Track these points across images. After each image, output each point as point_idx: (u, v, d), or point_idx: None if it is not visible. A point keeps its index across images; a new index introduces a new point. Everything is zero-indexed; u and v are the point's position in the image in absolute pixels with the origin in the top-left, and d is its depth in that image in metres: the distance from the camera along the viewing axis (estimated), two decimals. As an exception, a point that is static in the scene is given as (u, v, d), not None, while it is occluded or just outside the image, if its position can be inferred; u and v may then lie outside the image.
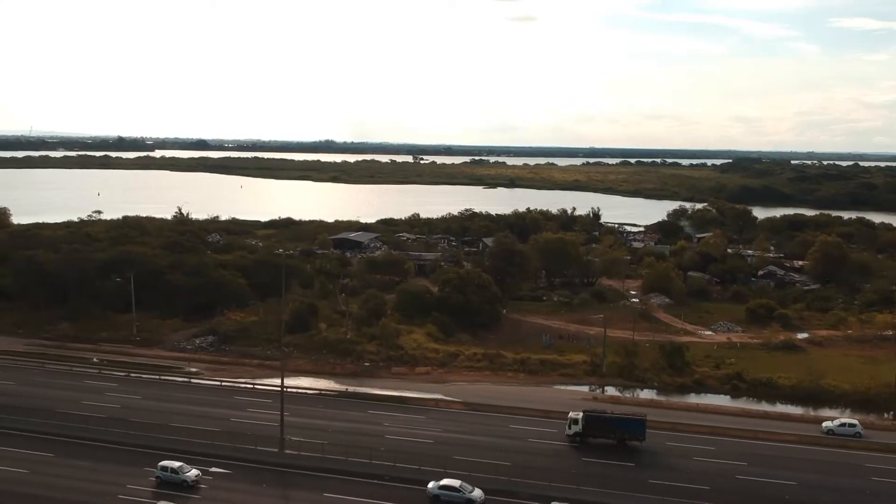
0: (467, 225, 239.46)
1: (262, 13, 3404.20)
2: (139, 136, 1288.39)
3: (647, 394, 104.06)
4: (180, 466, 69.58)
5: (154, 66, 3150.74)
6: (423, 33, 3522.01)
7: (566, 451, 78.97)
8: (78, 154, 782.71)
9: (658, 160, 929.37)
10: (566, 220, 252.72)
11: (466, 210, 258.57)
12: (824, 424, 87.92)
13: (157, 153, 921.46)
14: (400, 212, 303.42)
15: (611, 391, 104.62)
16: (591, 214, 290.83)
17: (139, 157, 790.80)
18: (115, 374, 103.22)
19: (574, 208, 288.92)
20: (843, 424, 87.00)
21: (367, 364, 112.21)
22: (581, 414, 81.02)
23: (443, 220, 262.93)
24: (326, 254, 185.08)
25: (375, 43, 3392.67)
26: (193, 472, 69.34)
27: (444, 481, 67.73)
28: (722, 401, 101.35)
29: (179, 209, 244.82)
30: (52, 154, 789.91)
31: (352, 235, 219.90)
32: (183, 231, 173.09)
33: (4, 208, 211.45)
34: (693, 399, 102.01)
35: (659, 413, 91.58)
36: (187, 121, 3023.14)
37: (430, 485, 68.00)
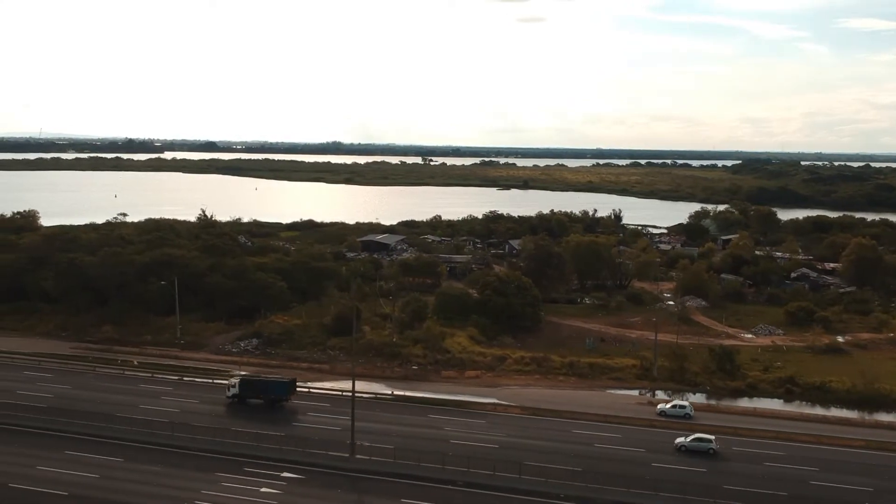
0: (492, 227, 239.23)
1: (269, 15, 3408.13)
2: (148, 138, 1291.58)
3: (698, 398, 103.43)
4: None
5: (161, 68, 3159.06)
6: (430, 34, 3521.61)
7: (637, 457, 78.47)
8: (89, 156, 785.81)
9: (668, 161, 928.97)
10: (590, 222, 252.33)
11: (491, 212, 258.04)
12: (658, 407, 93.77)
13: (167, 155, 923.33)
14: (417, 213, 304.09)
15: (661, 395, 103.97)
16: (613, 216, 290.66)
17: (150, 159, 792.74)
18: (168, 377, 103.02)
19: (595, 210, 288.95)
20: (674, 406, 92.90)
21: (414, 367, 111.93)
22: (238, 378, 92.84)
23: (465, 221, 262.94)
24: (357, 256, 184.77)
25: (382, 44, 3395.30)
26: None
27: None
28: (775, 405, 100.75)
29: (203, 211, 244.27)
30: (64, 156, 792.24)
31: (378, 238, 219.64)
32: (219, 234, 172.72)
33: (34, 211, 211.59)
34: (745, 403, 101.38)
35: (718, 418, 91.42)
36: (195, 122, 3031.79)
37: None
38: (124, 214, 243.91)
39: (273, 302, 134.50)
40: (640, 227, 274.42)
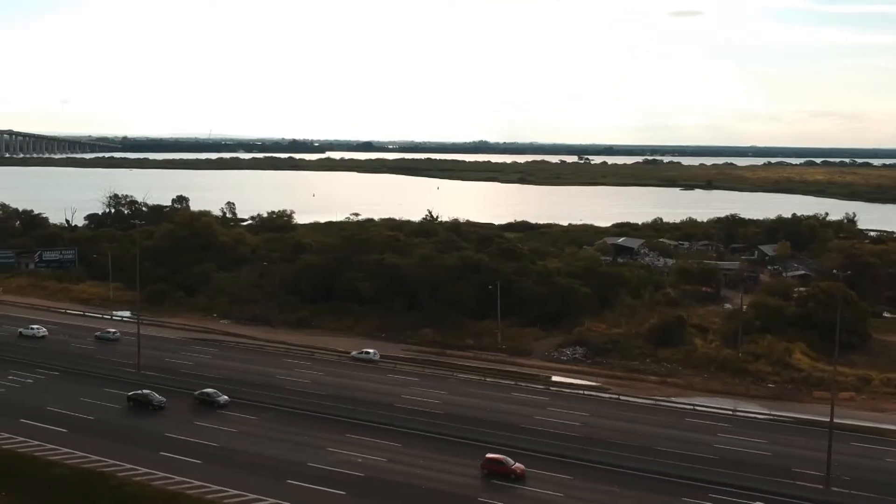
0: (732, 231, 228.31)
1: (405, 15, 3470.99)
2: (306, 139, 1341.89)
3: None
4: None
5: (312, 70, 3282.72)
6: (576, 29, 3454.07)
7: None
8: (265, 156, 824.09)
9: (846, 160, 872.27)
10: (838, 227, 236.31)
11: (732, 215, 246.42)
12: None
13: (336, 155, 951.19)
14: (616, 215, 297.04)
15: None
16: (846, 220, 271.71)
17: (321, 159, 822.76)
18: (533, 386, 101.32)
19: (827, 213, 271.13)
20: (362, 352, 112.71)
21: (770, 385, 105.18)
22: None
23: (695, 224, 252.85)
24: (631, 261, 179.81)
25: (523, 41, 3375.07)
26: None
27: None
28: None
29: (430, 212, 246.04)
30: (242, 156, 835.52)
31: (619, 241, 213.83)
32: (496, 235, 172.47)
33: (288, 210, 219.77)
34: None
35: None
36: (341, 123, 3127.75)
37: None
38: (356, 214, 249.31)
39: (579, 308, 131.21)
40: (884, 233, 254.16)
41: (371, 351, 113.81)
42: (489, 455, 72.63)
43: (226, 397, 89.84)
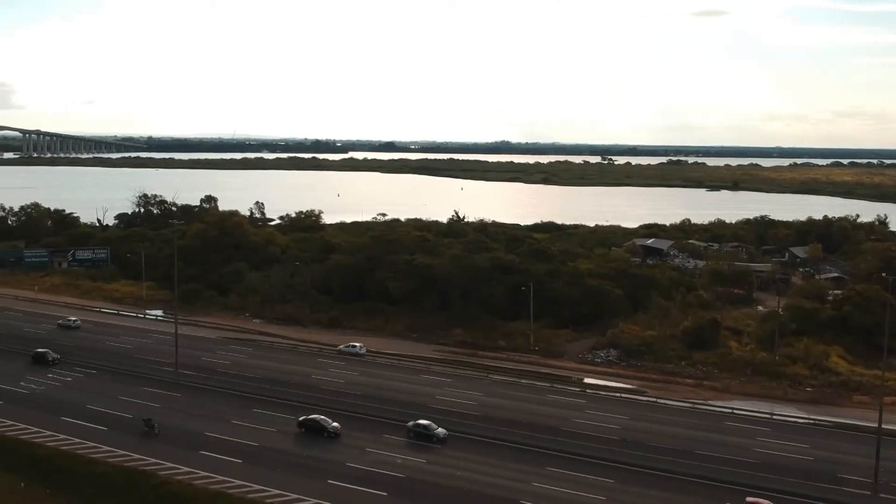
0: (762, 232, 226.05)
1: (432, 17, 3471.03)
2: (329, 139, 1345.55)
3: None
4: None
5: (338, 71, 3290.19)
6: (598, 29, 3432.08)
7: None
8: (289, 156, 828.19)
9: (873, 161, 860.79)
10: (870, 229, 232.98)
11: (762, 217, 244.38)
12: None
13: (359, 155, 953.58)
14: (637, 216, 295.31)
15: None
16: (878, 222, 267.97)
17: (345, 159, 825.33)
18: (568, 388, 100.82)
19: (858, 215, 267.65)
20: (349, 345, 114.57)
21: (808, 389, 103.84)
22: None
23: (724, 225, 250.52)
24: (662, 263, 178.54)
25: (546, 41, 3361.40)
26: None
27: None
28: None
29: (456, 213, 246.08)
30: (266, 156, 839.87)
31: (648, 242, 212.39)
32: (523, 237, 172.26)
33: (316, 210, 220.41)
34: None
35: None
36: (367, 124, 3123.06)
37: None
38: (383, 214, 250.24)
39: (612, 310, 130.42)
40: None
41: (357, 345, 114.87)
42: (750, 499, 66.02)
43: (444, 430, 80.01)
